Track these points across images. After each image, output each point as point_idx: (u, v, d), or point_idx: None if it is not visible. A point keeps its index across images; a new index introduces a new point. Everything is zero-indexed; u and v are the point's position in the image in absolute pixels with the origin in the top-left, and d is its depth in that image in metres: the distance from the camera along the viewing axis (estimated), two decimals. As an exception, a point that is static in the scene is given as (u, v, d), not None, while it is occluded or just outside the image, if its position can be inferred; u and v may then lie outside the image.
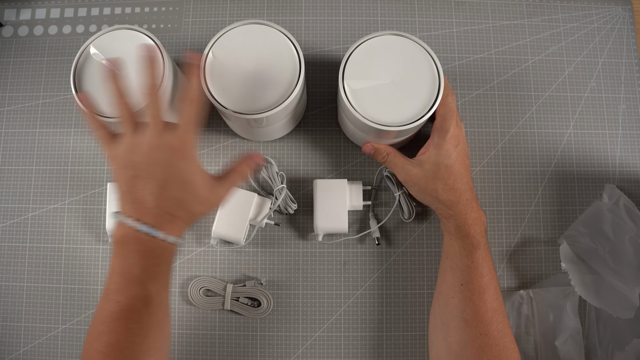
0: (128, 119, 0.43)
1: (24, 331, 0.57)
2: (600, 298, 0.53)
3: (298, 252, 0.59)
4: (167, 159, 0.41)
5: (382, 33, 0.52)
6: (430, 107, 0.49)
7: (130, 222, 0.40)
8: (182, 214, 0.43)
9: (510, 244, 0.59)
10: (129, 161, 0.42)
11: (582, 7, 0.65)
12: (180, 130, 0.43)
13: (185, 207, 0.43)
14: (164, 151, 0.42)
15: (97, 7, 0.64)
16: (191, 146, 0.43)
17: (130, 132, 0.43)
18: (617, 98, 0.63)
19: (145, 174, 0.41)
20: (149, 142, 0.42)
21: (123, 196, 0.42)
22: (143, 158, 0.41)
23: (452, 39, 0.64)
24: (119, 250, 0.41)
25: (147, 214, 0.41)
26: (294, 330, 0.57)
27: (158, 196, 0.41)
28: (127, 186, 0.41)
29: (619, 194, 0.57)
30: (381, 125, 0.49)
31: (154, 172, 0.41)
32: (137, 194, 0.41)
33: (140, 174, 0.41)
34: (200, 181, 0.43)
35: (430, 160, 0.51)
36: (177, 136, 0.42)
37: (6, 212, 0.60)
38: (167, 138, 0.42)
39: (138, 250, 0.41)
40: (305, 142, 0.61)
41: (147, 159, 0.41)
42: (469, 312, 0.47)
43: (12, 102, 0.62)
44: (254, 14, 0.64)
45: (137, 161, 0.41)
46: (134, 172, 0.41)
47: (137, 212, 0.41)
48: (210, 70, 0.51)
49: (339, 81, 0.50)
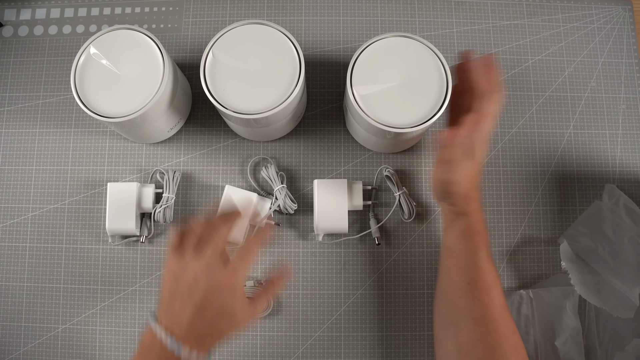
0: (196, 240, 0.45)
1: (24, 331, 0.57)
2: (600, 298, 0.53)
3: (298, 252, 0.59)
4: (211, 287, 0.43)
5: (386, 35, 0.52)
6: (440, 105, 0.50)
7: (160, 332, 0.42)
8: (214, 335, 0.44)
9: (510, 244, 0.59)
10: (177, 276, 0.44)
11: (582, 7, 0.65)
12: (234, 262, 0.45)
13: (217, 330, 0.44)
14: (209, 280, 0.43)
15: (97, 7, 0.64)
16: (238, 282, 0.45)
17: (192, 252, 0.44)
18: (617, 98, 0.63)
19: (187, 295, 0.43)
20: (199, 267, 0.44)
21: (163, 305, 0.44)
22: (189, 279, 0.43)
23: (452, 39, 0.64)
24: (142, 353, 0.43)
25: (179, 328, 0.43)
26: (294, 330, 0.57)
27: (191, 319, 0.43)
28: (169, 298, 0.44)
29: (619, 194, 0.57)
30: (394, 128, 0.49)
31: (195, 295, 0.43)
32: (174, 309, 0.43)
33: (182, 292, 0.43)
34: (239, 311, 0.45)
35: (470, 135, 0.48)
36: (227, 270, 0.44)
37: (6, 212, 0.60)
38: (217, 269, 0.44)
39: (160, 359, 0.43)
40: (305, 142, 0.61)
41: (192, 282, 0.43)
42: (478, 310, 0.46)
43: (12, 102, 0.62)
44: (254, 14, 0.64)
45: (183, 280, 0.44)
46: (178, 289, 0.44)
47: (170, 323, 0.43)
48: (210, 70, 0.51)
49: (348, 87, 0.50)
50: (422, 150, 0.61)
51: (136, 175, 0.60)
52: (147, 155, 0.60)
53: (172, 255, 0.45)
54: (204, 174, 0.60)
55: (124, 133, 0.58)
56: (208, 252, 0.44)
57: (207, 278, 0.44)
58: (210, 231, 0.45)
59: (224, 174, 0.60)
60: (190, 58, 0.63)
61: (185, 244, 0.45)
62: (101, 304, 0.58)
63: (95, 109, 0.51)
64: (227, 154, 0.61)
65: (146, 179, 0.60)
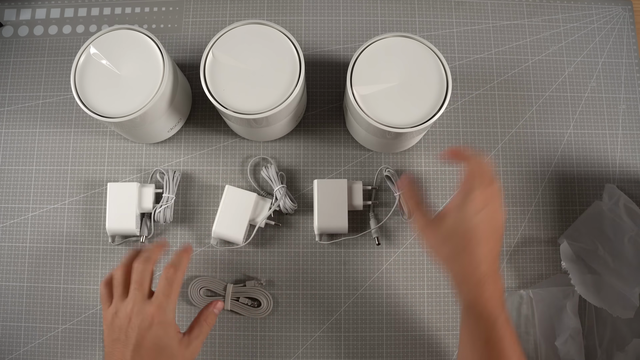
0: (120, 285, 0.48)
1: (24, 331, 0.57)
2: (600, 298, 0.53)
3: (298, 252, 0.59)
4: (143, 325, 0.45)
5: (386, 35, 0.52)
6: (440, 105, 0.50)
7: None
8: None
9: (510, 244, 0.59)
10: (112, 324, 0.46)
11: (582, 7, 0.65)
12: (158, 297, 0.47)
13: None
14: (140, 318, 0.45)
15: (97, 7, 0.64)
16: (167, 312, 0.46)
17: (118, 298, 0.47)
18: (617, 98, 0.63)
19: (124, 337, 0.45)
20: (129, 307, 0.46)
21: (106, 356, 0.46)
22: (123, 323, 0.46)
23: (452, 39, 0.64)
24: None
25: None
26: (294, 330, 0.57)
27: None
28: (109, 348, 0.46)
29: (619, 194, 0.57)
30: (394, 128, 0.49)
31: (130, 336, 0.45)
32: (115, 356, 0.45)
33: (119, 337, 0.45)
34: (176, 344, 0.47)
35: (447, 220, 0.44)
36: (155, 304, 0.46)
37: (6, 212, 0.60)
38: (145, 306, 0.46)
39: None
40: (305, 142, 0.61)
41: (126, 324, 0.45)
42: None
43: (12, 102, 0.62)
44: (254, 14, 0.64)
45: (118, 325, 0.46)
46: (116, 335, 0.46)
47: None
48: (210, 70, 0.51)
49: (348, 87, 0.50)
50: (422, 150, 0.61)
51: (136, 175, 0.60)
52: (147, 155, 0.60)
53: (104, 307, 0.48)
54: (204, 174, 0.60)
55: (124, 133, 0.58)
56: (133, 293, 0.47)
57: (138, 315, 0.45)
58: (130, 274, 0.48)
59: (224, 174, 0.60)
60: (190, 58, 0.63)
61: (113, 292, 0.48)
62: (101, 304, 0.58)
63: (95, 109, 0.51)
64: (227, 154, 0.61)
65: (146, 179, 0.60)
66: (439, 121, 0.62)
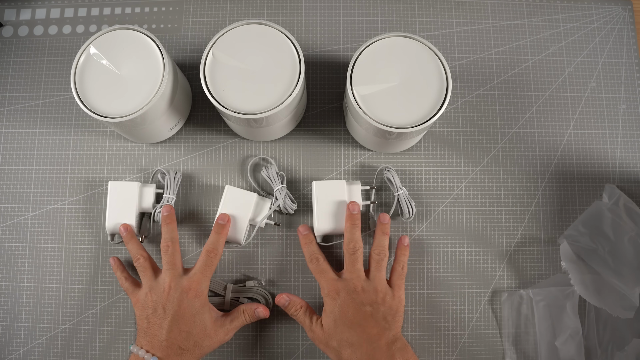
0: (149, 268, 0.52)
1: (24, 331, 0.57)
2: (600, 298, 0.53)
3: (298, 252, 0.59)
4: (180, 297, 0.49)
5: (386, 35, 0.52)
6: (440, 105, 0.50)
7: (142, 354, 0.46)
8: (190, 347, 0.48)
9: (510, 244, 0.59)
10: (147, 301, 0.50)
11: (582, 7, 0.65)
12: (194, 274, 0.51)
13: (193, 340, 0.48)
14: (178, 290, 0.49)
15: (97, 7, 0.64)
16: (202, 287, 0.50)
17: (150, 278, 0.51)
18: (617, 98, 0.63)
19: (161, 310, 0.48)
20: (167, 284, 0.50)
21: (140, 332, 0.49)
22: (159, 297, 0.49)
23: (452, 39, 0.64)
24: None
25: (158, 347, 0.47)
26: (294, 330, 0.57)
27: (169, 329, 0.47)
28: (144, 323, 0.49)
29: (619, 194, 0.57)
30: (394, 128, 0.49)
31: (168, 307, 0.48)
32: (151, 329, 0.48)
33: (156, 310, 0.49)
34: (209, 318, 0.50)
35: (324, 320, 0.50)
36: (191, 279, 0.50)
37: (6, 212, 0.60)
38: (182, 281, 0.50)
39: None
40: (305, 142, 0.61)
41: (164, 298, 0.49)
42: None
43: (12, 102, 0.62)
44: (254, 14, 0.64)
45: (154, 300, 0.49)
46: (151, 310, 0.49)
47: (149, 345, 0.47)
48: (210, 70, 0.51)
49: (348, 87, 0.50)
50: (422, 150, 0.61)
51: (136, 175, 0.60)
52: (147, 155, 0.60)
53: (135, 292, 0.51)
54: (204, 174, 0.60)
55: (124, 133, 0.58)
56: (169, 271, 0.50)
57: (176, 288, 0.49)
58: (146, 259, 0.52)
59: (224, 174, 0.60)
60: (190, 58, 0.63)
61: (142, 277, 0.51)
62: (101, 304, 0.58)
63: (95, 109, 0.51)
64: (227, 154, 0.61)
65: (146, 179, 0.60)
66: (439, 121, 0.62)
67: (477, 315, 0.58)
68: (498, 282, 0.58)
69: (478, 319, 0.58)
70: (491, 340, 0.57)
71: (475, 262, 0.59)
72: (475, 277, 0.58)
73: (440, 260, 0.58)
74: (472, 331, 0.57)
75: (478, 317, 0.58)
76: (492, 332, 0.57)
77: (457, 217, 0.59)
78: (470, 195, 0.60)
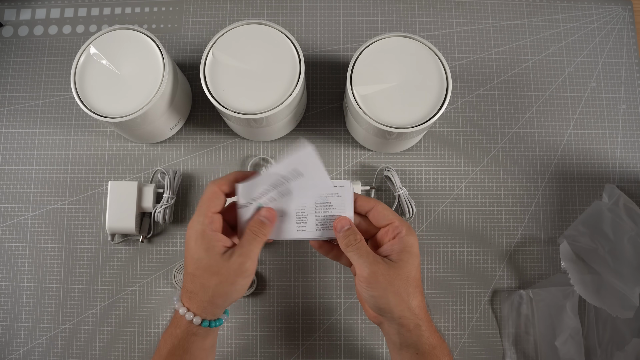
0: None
1: (24, 331, 0.57)
2: (600, 298, 0.53)
3: (298, 252, 0.59)
4: (186, 242, 0.44)
5: (386, 35, 0.52)
6: (440, 105, 0.50)
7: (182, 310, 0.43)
8: (197, 289, 0.42)
9: (510, 244, 0.59)
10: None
11: (582, 7, 0.65)
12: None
13: (199, 282, 0.42)
14: (193, 229, 0.44)
15: (97, 7, 0.64)
16: (194, 225, 0.44)
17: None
18: (617, 98, 0.63)
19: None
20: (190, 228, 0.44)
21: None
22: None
23: (452, 39, 0.64)
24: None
25: (182, 295, 0.44)
26: (294, 330, 0.57)
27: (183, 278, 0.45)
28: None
29: (619, 194, 0.57)
30: (394, 128, 0.49)
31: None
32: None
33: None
34: (217, 251, 0.42)
35: (400, 252, 0.43)
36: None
37: (6, 212, 0.60)
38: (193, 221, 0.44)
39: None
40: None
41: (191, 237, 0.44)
42: None
43: (12, 102, 0.62)
44: (254, 14, 0.64)
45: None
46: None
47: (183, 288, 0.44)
48: (210, 70, 0.51)
49: (348, 87, 0.50)
50: (422, 150, 0.61)
51: (136, 175, 0.60)
52: (147, 155, 0.60)
53: None
54: (204, 174, 0.60)
55: (124, 133, 0.58)
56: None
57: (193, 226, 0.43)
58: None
59: (224, 174, 0.60)
60: (190, 58, 0.63)
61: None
62: (101, 304, 0.58)
63: (95, 109, 0.51)
64: (227, 154, 0.61)
65: (146, 179, 0.60)
66: (439, 121, 0.62)
67: (477, 315, 0.58)
68: (498, 282, 0.58)
69: (478, 319, 0.58)
70: (491, 340, 0.57)
71: (475, 262, 0.59)
72: (475, 277, 0.58)
73: (440, 260, 0.58)
74: (472, 331, 0.57)
75: (478, 317, 0.58)
76: (492, 332, 0.57)
77: (457, 217, 0.59)
78: (470, 196, 0.60)
